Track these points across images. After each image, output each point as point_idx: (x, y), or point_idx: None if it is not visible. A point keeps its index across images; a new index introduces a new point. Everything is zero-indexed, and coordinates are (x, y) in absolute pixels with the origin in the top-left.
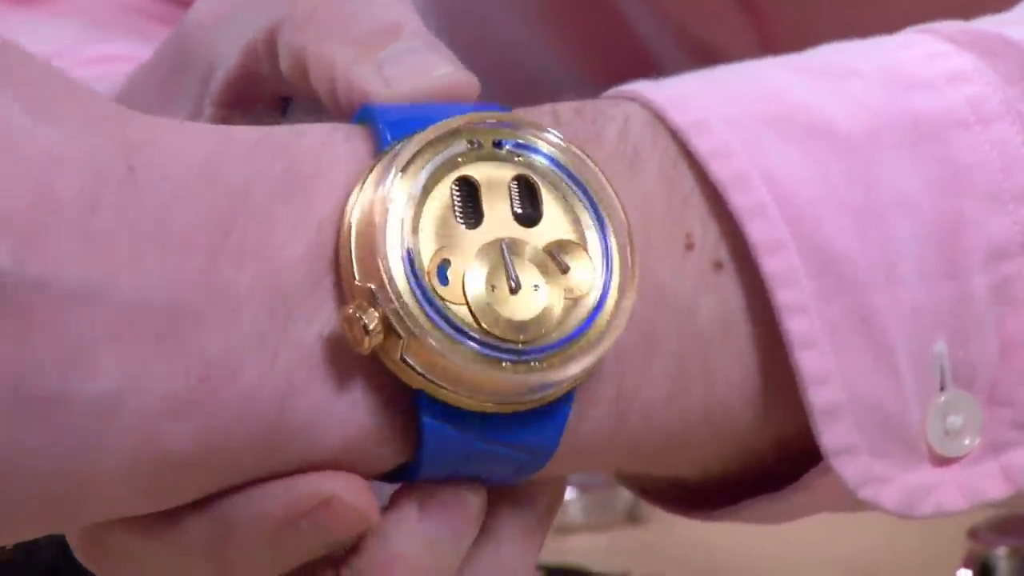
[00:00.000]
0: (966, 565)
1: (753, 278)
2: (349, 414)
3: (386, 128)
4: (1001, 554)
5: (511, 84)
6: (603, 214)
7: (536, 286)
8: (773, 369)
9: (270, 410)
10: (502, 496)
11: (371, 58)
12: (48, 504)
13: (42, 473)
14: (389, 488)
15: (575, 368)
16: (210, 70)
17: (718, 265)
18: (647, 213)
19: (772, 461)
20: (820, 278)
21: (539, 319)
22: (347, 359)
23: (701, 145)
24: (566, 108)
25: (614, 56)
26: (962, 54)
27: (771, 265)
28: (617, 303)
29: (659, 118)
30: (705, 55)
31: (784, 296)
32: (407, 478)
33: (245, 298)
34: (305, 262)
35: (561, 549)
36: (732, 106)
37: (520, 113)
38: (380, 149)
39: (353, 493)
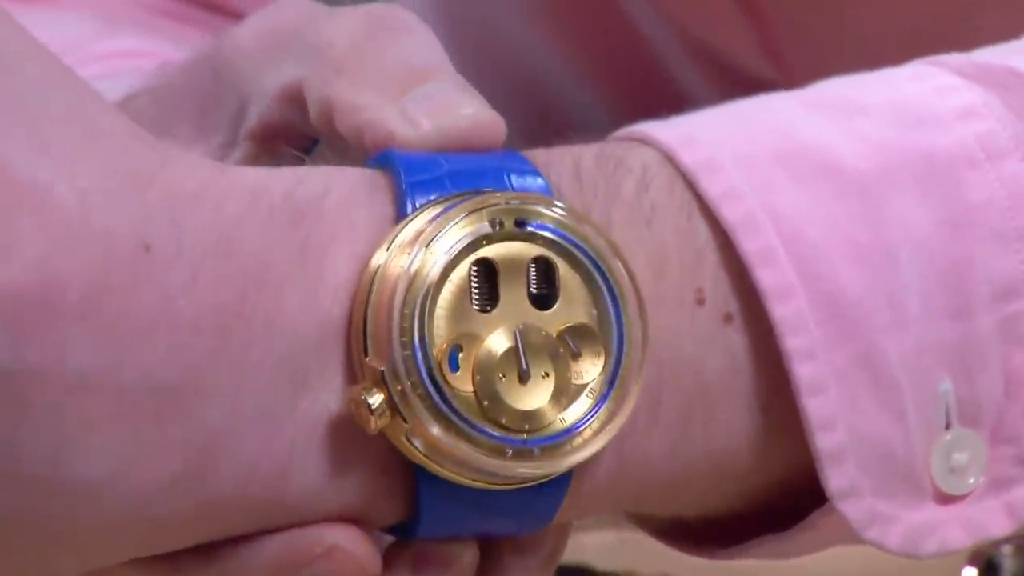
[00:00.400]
0: (971, 563)
1: (761, 325)
2: (348, 486)
3: (408, 191)
4: (1007, 552)
5: (516, 85)
6: (618, 296)
7: (545, 374)
8: (778, 414)
9: (269, 484)
10: (506, 543)
11: (397, 100)
12: (38, 557)
13: (31, 532)
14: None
15: (578, 458)
16: (245, 102)
17: (728, 317)
18: (661, 271)
19: (775, 499)
20: (828, 323)
21: (544, 410)
22: (350, 435)
23: (711, 187)
24: (587, 156)
25: (618, 58)
26: (972, 88)
27: (780, 312)
28: (623, 396)
29: (669, 159)
30: (707, 57)
31: (793, 343)
32: (404, 535)
33: (252, 374)
34: (316, 335)
35: (567, 547)
36: (742, 143)
37: (537, 189)
38: (402, 213)
39: (355, 544)
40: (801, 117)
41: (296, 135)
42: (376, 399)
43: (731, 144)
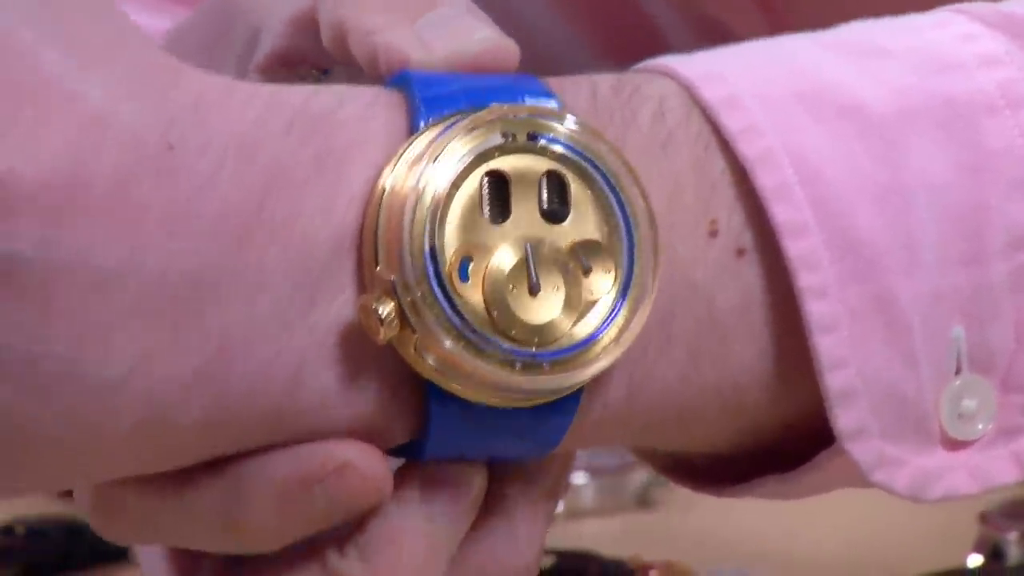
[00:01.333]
0: (977, 550)
1: (775, 261)
2: (359, 397)
3: (422, 105)
4: (1012, 539)
5: (525, 58)
6: (630, 216)
7: (556, 288)
8: (789, 351)
9: (281, 388)
10: (512, 469)
11: (410, 23)
12: (54, 462)
13: (47, 437)
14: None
15: (586, 374)
16: (254, 35)
17: (740, 251)
18: (675, 199)
19: (783, 440)
20: (842, 262)
21: (555, 323)
22: (361, 344)
23: (731, 123)
24: (604, 84)
25: (626, 37)
26: (995, 36)
27: (794, 248)
28: (633, 311)
29: (690, 94)
30: (716, 36)
31: (806, 279)
32: (412, 456)
33: (268, 277)
34: (330, 243)
35: (572, 534)
36: (763, 81)
37: (550, 106)
38: (415, 127)
39: (368, 462)
40: (824, 58)
41: (307, 65)
42: (386, 308)
43: (753, 82)
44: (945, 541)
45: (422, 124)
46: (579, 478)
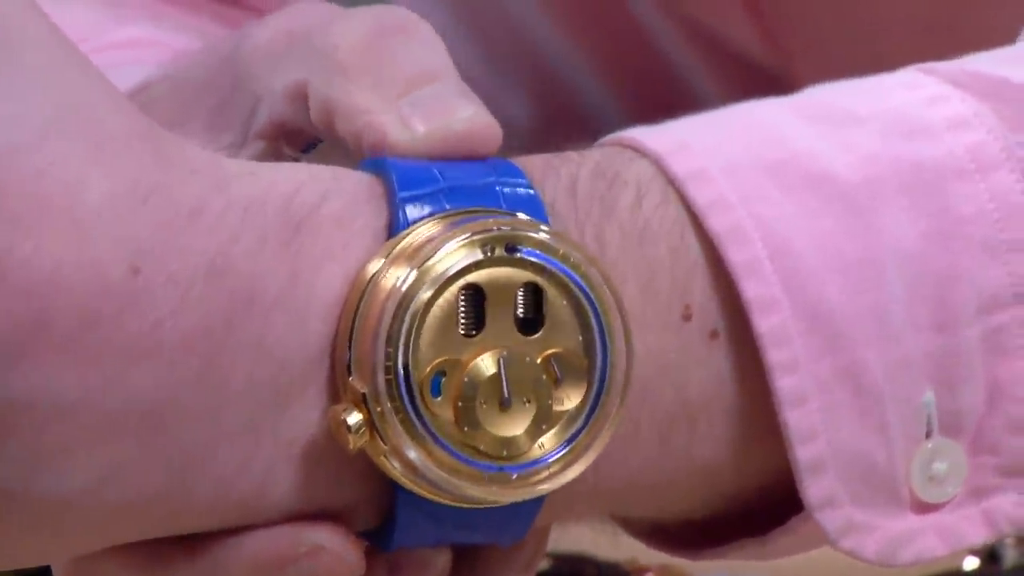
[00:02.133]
0: (973, 553)
1: (746, 340)
2: (326, 496)
3: (401, 208)
4: (1008, 542)
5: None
6: (604, 322)
7: (527, 400)
8: (759, 426)
9: (247, 495)
10: (487, 549)
11: (394, 101)
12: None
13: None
14: None
15: (553, 485)
16: (257, 102)
17: (714, 334)
18: (650, 289)
19: (757, 502)
20: (811, 335)
21: (525, 437)
22: (329, 450)
23: (699, 196)
24: (584, 172)
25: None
26: (964, 99)
27: (764, 325)
28: (602, 423)
29: (658, 167)
30: (710, 44)
31: (775, 356)
32: (378, 543)
33: (236, 394)
34: (303, 359)
35: (568, 536)
36: (731, 152)
37: (526, 221)
38: (395, 228)
39: (340, 543)
40: (792, 125)
41: (303, 136)
42: (355, 419)
43: (721, 152)
44: None
45: (402, 226)
46: None
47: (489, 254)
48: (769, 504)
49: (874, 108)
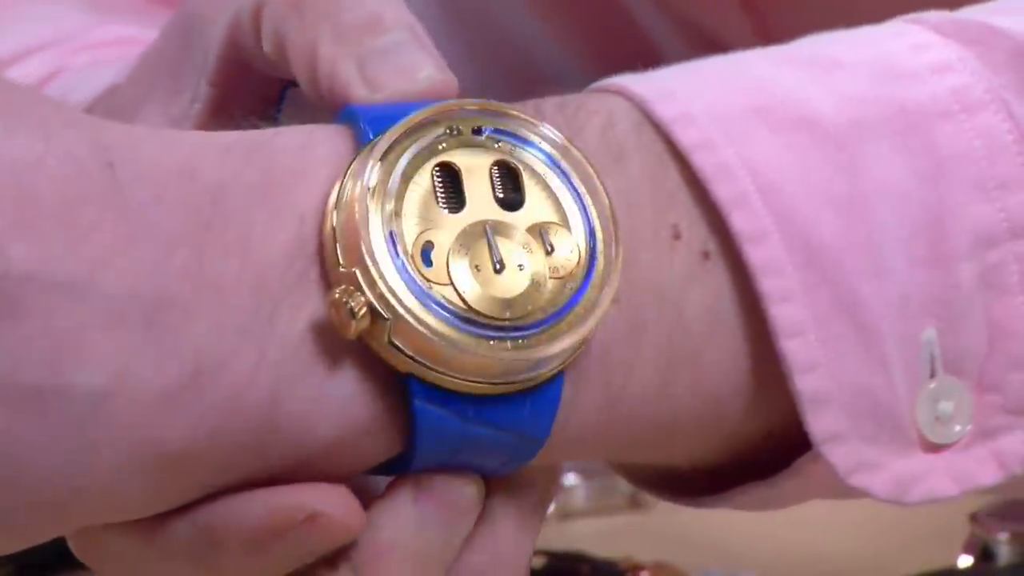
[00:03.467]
0: (967, 551)
1: (741, 268)
2: (340, 405)
3: (367, 125)
4: (1002, 539)
5: (512, 70)
6: (586, 200)
7: (521, 265)
8: (762, 358)
9: (262, 403)
10: (498, 484)
11: (354, 54)
12: (46, 508)
13: (41, 472)
14: (385, 480)
15: (561, 345)
16: (206, 54)
17: (705, 255)
18: (632, 204)
19: (762, 450)
20: (806, 268)
21: (524, 297)
22: (336, 349)
23: (685, 138)
24: (548, 103)
25: (610, 40)
26: (948, 44)
27: (756, 255)
28: (603, 281)
29: (644, 111)
30: (700, 40)
31: (769, 285)
32: (401, 469)
33: (231, 289)
34: (287, 256)
35: (563, 534)
36: (717, 98)
37: (493, 103)
38: (362, 143)
39: (338, 506)
40: (778, 72)
41: (253, 74)
42: (356, 300)
43: (707, 99)
44: (935, 542)
45: (368, 139)
46: (570, 479)
47: (454, 133)
48: (779, 459)
49: (858, 55)
